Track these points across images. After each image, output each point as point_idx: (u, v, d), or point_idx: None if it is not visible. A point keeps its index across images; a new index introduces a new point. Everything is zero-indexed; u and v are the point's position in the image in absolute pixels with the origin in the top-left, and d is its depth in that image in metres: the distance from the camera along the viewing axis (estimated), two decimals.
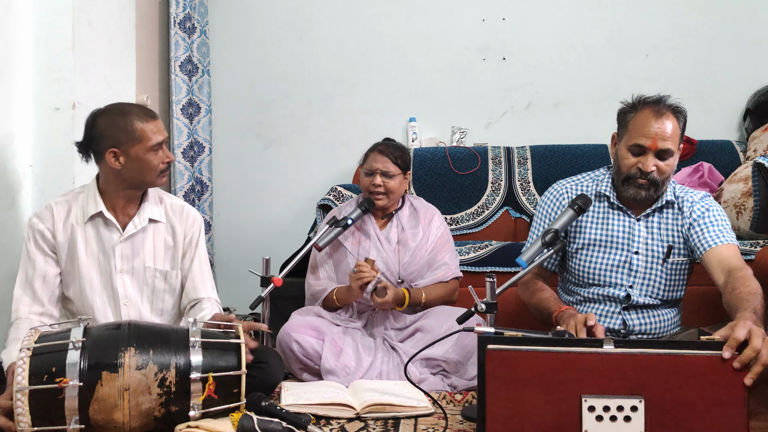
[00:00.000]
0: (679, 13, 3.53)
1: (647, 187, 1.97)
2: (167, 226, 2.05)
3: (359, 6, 3.70)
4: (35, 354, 1.52)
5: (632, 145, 1.97)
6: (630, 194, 2.00)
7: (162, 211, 2.06)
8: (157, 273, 2.02)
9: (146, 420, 1.57)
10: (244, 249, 3.71)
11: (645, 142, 1.94)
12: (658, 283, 2.04)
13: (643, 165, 1.95)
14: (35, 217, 1.97)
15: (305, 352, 2.18)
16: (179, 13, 3.47)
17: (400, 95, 3.69)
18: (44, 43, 2.42)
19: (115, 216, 1.98)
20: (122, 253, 1.98)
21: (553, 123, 3.60)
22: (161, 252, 2.03)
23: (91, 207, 1.97)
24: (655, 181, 1.96)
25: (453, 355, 2.15)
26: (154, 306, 2.03)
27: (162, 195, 2.10)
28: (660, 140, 1.93)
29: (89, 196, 1.98)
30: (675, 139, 1.95)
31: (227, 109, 3.77)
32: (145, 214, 2.01)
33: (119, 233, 1.97)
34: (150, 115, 1.96)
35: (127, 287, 1.98)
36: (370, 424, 1.79)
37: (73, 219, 1.97)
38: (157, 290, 2.03)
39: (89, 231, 1.97)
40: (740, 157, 3.26)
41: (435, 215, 2.49)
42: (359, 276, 2.21)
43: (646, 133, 1.94)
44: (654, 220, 2.06)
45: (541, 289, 2.04)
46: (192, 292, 2.07)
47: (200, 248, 2.10)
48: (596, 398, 1.40)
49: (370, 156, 2.44)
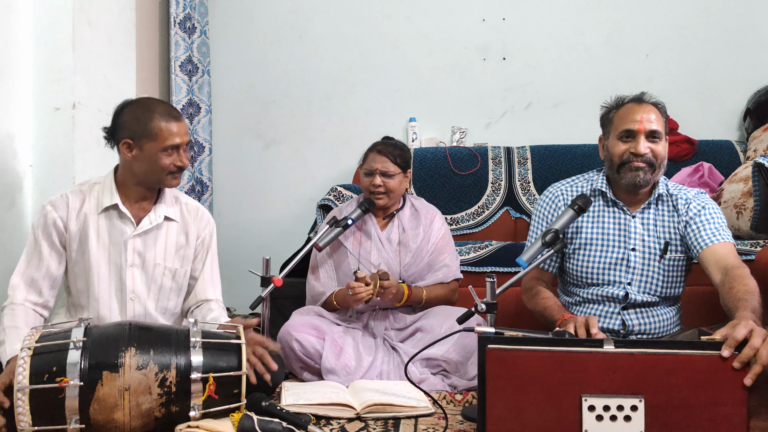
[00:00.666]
0: (679, 13, 3.53)
1: (644, 169, 1.99)
2: (181, 226, 2.06)
3: (359, 6, 3.70)
4: (36, 353, 1.52)
5: (621, 132, 2.01)
6: (628, 179, 2.00)
7: (177, 210, 2.06)
8: (166, 271, 2.01)
9: (146, 420, 1.57)
10: (244, 249, 3.71)
11: (633, 126, 1.99)
12: (655, 280, 2.04)
13: (635, 148, 1.99)
14: (50, 205, 1.96)
15: (306, 352, 2.18)
16: (179, 13, 3.47)
17: (400, 95, 3.69)
18: (44, 43, 2.42)
19: (131, 210, 1.98)
20: (134, 247, 1.97)
21: (553, 123, 3.60)
22: (172, 250, 2.03)
23: (106, 198, 1.97)
24: (651, 162, 1.99)
25: (453, 355, 2.15)
26: (159, 304, 2.02)
27: (178, 194, 2.11)
28: (647, 122, 1.98)
29: (105, 187, 1.98)
30: (660, 124, 2.00)
31: (227, 109, 3.77)
32: (161, 211, 2.01)
33: (133, 227, 1.97)
34: (173, 116, 1.95)
35: (135, 282, 1.98)
36: (370, 424, 1.79)
37: (87, 209, 1.96)
38: (164, 288, 2.03)
39: (102, 222, 1.96)
40: (740, 157, 3.26)
41: (436, 216, 2.49)
42: (356, 298, 2.21)
43: (633, 118, 1.99)
44: (649, 216, 2.06)
45: (545, 297, 2.04)
46: (201, 293, 2.09)
47: (212, 250, 2.12)
48: (596, 398, 1.40)
49: (369, 156, 2.44)
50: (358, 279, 2.23)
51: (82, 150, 2.49)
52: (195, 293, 2.09)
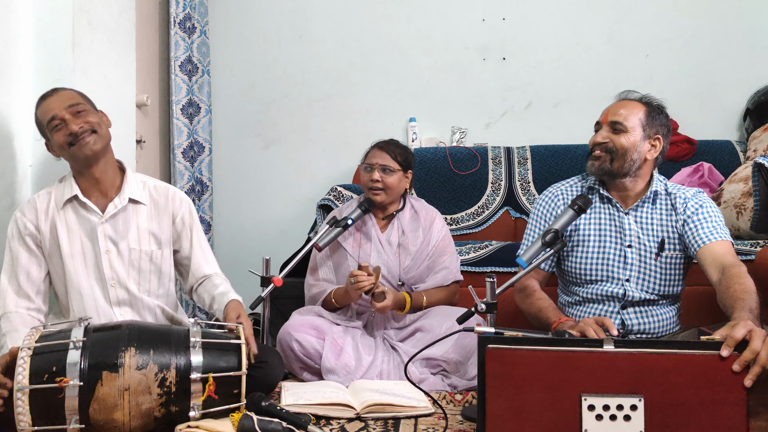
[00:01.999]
0: (679, 13, 3.53)
1: (603, 158, 2.04)
2: (151, 208, 2.06)
3: (359, 6, 3.70)
4: (36, 353, 1.52)
5: (594, 126, 2.10)
6: (589, 168, 2.08)
7: (146, 193, 2.07)
8: (142, 254, 2.02)
9: (146, 420, 1.57)
10: (244, 249, 3.71)
11: (600, 118, 2.08)
12: (653, 277, 2.04)
13: (595, 137, 2.06)
14: (19, 212, 1.99)
15: (305, 351, 2.18)
16: (179, 13, 3.47)
17: (400, 95, 3.69)
18: (44, 43, 2.42)
19: (94, 200, 2.00)
20: (105, 234, 1.98)
21: (553, 123, 3.60)
22: (146, 233, 2.04)
23: (66, 192, 1.99)
24: (610, 150, 2.02)
25: (453, 354, 2.15)
26: (141, 287, 2.03)
27: (144, 179, 2.12)
28: (611, 115, 2.04)
29: (66, 183, 2.02)
30: (630, 117, 2.03)
31: (227, 109, 3.77)
32: (125, 194, 2.02)
33: (99, 215, 1.98)
34: (45, 96, 1.97)
35: (113, 268, 1.99)
36: (370, 424, 1.79)
37: (53, 206, 1.99)
38: (143, 271, 2.03)
39: (69, 216, 1.98)
40: (740, 157, 3.26)
41: (436, 218, 2.49)
42: (357, 286, 2.20)
43: (603, 112, 2.09)
44: (643, 213, 2.07)
45: (540, 298, 2.02)
46: (198, 271, 2.11)
47: (195, 227, 2.13)
48: (596, 397, 1.40)
49: (370, 152, 2.45)
50: (362, 268, 2.23)
51: None
52: (192, 272, 2.11)
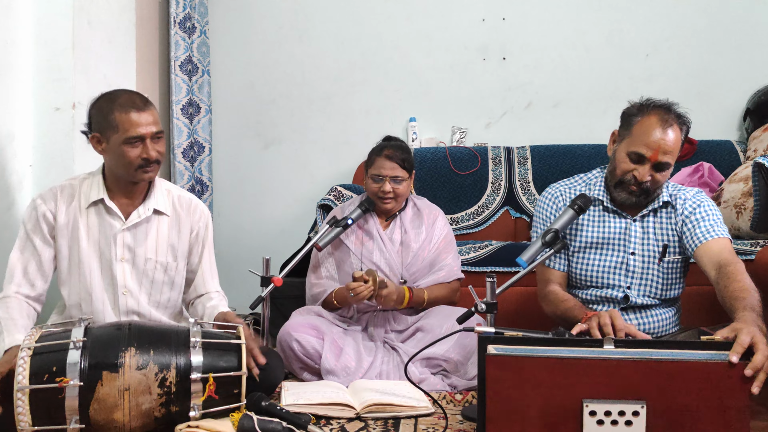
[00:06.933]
0: (679, 13, 3.53)
1: (638, 194, 1.98)
2: (173, 219, 2.04)
3: (359, 6, 3.70)
4: (36, 353, 1.52)
5: (632, 152, 1.95)
6: (621, 198, 2.01)
7: (169, 203, 2.04)
8: (157, 265, 2.00)
9: (146, 420, 1.57)
10: (244, 249, 3.71)
11: (646, 152, 1.92)
12: (655, 283, 2.04)
13: (639, 174, 1.94)
14: (39, 198, 1.96)
15: (305, 352, 2.18)
16: (179, 13, 3.47)
17: (400, 95, 3.68)
18: (44, 43, 2.42)
19: (119, 204, 1.97)
20: (124, 241, 1.96)
21: (553, 123, 3.60)
22: (164, 244, 2.01)
23: (93, 193, 1.96)
24: (647, 191, 1.98)
25: (453, 354, 2.15)
26: (152, 298, 2.01)
27: (170, 187, 2.08)
28: (661, 153, 1.91)
29: (93, 182, 1.98)
30: (675, 152, 1.95)
31: (227, 109, 3.77)
32: (150, 204, 1.99)
33: (122, 221, 1.96)
34: (135, 106, 1.89)
35: (126, 276, 1.97)
36: (370, 424, 1.79)
37: (76, 204, 1.96)
38: (156, 282, 2.01)
39: (92, 217, 1.96)
40: (740, 157, 3.26)
41: (439, 216, 2.49)
42: (358, 298, 2.20)
43: (649, 143, 1.91)
44: (650, 220, 2.06)
45: (564, 300, 2.02)
46: (200, 287, 2.09)
47: (208, 243, 2.11)
48: (598, 403, 1.39)
49: (377, 161, 2.40)
50: (356, 279, 2.23)
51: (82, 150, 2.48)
52: (195, 287, 2.10)
